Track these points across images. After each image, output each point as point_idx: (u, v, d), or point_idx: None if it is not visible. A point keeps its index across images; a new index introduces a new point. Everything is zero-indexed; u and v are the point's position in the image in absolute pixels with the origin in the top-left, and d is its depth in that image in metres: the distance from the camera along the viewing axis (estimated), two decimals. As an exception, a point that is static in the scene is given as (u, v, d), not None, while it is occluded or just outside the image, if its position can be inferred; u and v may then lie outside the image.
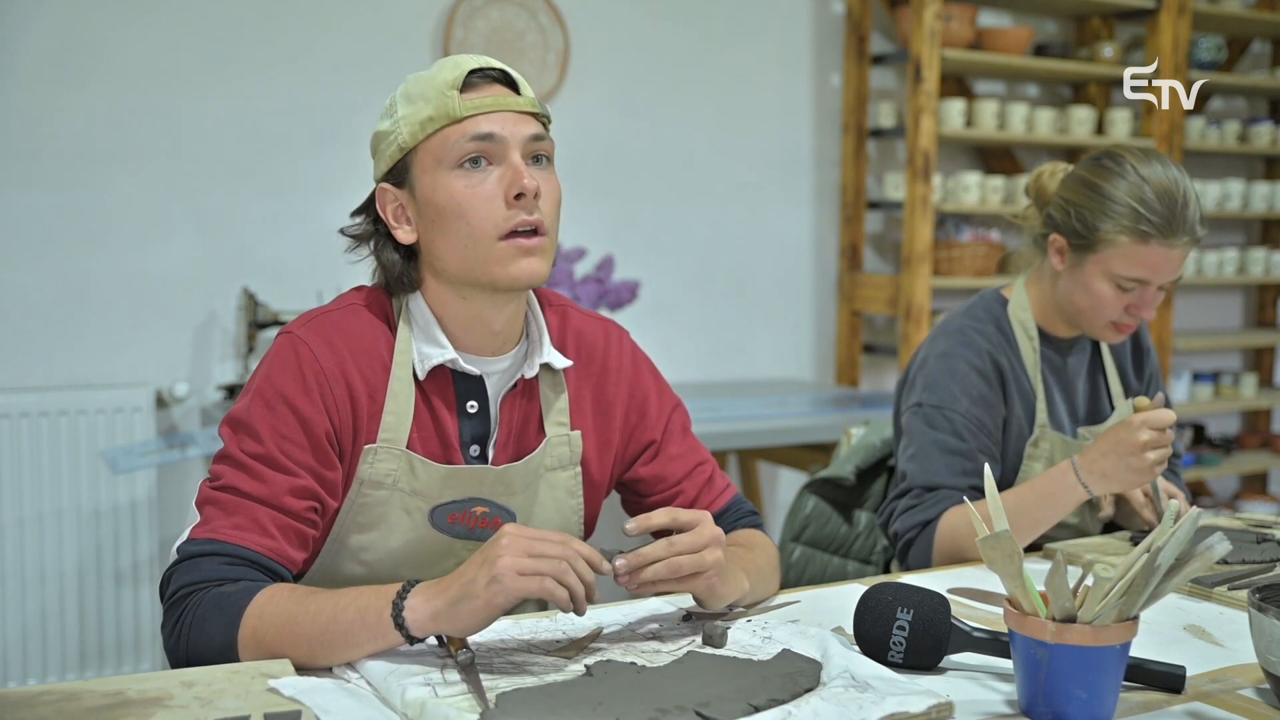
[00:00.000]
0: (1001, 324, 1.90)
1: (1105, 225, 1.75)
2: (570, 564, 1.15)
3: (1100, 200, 1.76)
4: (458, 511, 1.39)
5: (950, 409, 1.82)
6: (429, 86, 1.33)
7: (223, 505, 1.27)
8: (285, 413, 1.30)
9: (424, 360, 1.37)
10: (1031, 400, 1.88)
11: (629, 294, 3.38)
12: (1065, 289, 1.84)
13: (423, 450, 1.37)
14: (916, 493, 1.81)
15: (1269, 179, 4.79)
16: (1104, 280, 1.78)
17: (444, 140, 1.31)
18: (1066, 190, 1.82)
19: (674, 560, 1.22)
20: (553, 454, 1.44)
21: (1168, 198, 1.72)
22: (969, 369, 1.84)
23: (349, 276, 3.19)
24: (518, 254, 1.32)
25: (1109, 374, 1.99)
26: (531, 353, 1.43)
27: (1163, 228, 1.72)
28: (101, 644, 2.96)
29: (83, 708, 1.04)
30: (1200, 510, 1.11)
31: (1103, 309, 1.80)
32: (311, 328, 1.36)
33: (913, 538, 1.79)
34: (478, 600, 1.12)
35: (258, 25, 3.14)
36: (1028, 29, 3.91)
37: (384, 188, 1.38)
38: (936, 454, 1.81)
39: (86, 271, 3.00)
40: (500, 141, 1.31)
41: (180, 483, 3.12)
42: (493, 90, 1.34)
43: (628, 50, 3.63)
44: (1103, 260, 1.77)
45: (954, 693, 1.15)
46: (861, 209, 3.96)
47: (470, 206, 1.31)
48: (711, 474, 1.55)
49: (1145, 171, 1.74)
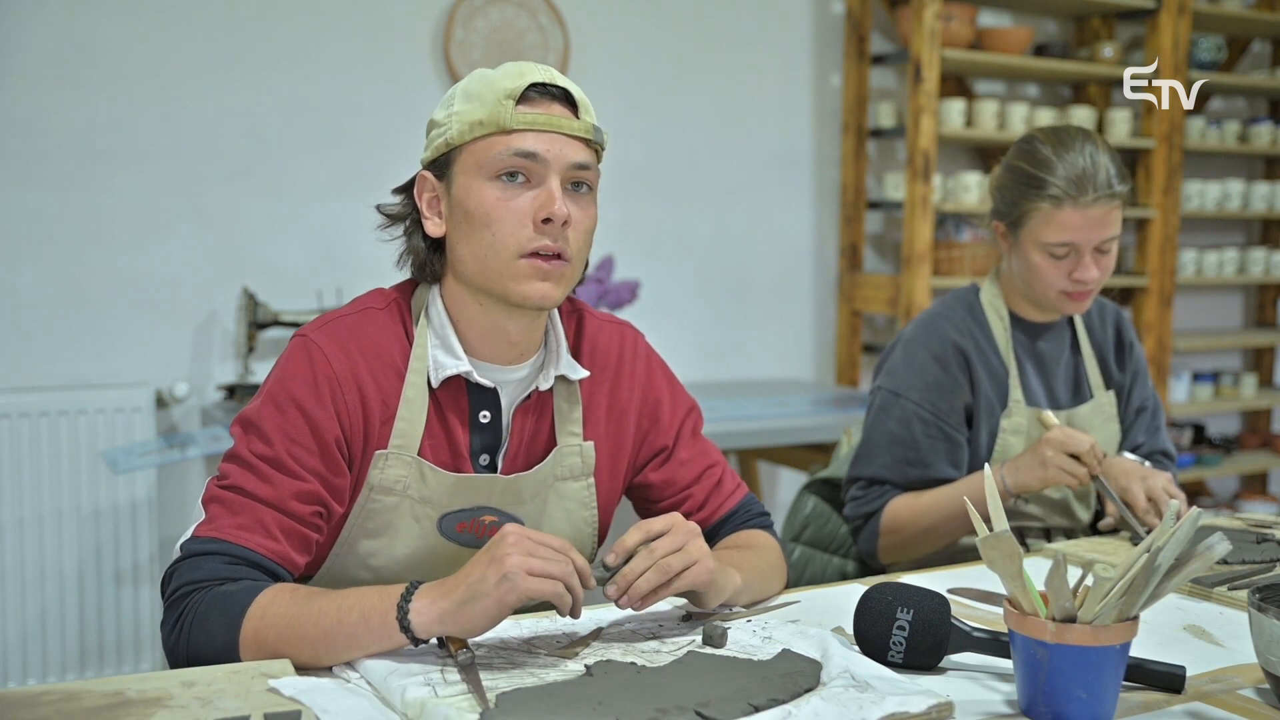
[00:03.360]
0: (974, 309, 2.01)
1: (1024, 201, 1.88)
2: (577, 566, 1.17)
3: (1017, 175, 1.90)
4: (466, 520, 1.38)
5: (904, 396, 1.95)
6: (488, 89, 1.31)
7: (228, 504, 1.27)
8: (295, 416, 1.30)
9: (439, 369, 1.36)
10: (1004, 378, 1.97)
11: (629, 294, 3.38)
12: (1016, 269, 1.96)
13: (433, 458, 1.37)
14: (863, 484, 1.98)
15: (1269, 179, 4.79)
16: (1037, 251, 1.89)
17: (489, 147, 1.30)
18: (996, 179, 1.97)
19: (661, 563, 1.23)
20: (564, 464, 1.44)
21: (1072, 164, 1.84)
22: (928, 356, 1.95)
23: (349, 277, 3.21)
24: (534, 274, 1.31)
25: (1088, 362, 2.05)
26: (548, 364, 1.42)
27: (1070, 190, 1.83)
28: (101, 644, 2.96)
29: (83, 708, 1.04)
30: (1200, 510, 1.11)
31: (1045, 279, 1.90)
32: (326, 331, 1.35)
33: (859, 526, 1.99)
34: (488, 599, 1.13)
35: (258, 25, 3.14)
36: (1028, 29, 3.91)
37: (424, 175, 1.37)
38: (884, 444, 1.95)
39: (87, 271, 3.00)
40: (542, 162, 1.30)
41: (180, 483, 3.12)
42: (550, 108, 1.32)
43: (628, 50, 3.63)
44: (1031, 232, 1.88)
45: (954, 693, 1.15)
46: (861, 209, 3.96)
47: (498, 219, 1.30)
48: (721, 477, 1.54)
49: (1052, 144, 1.87)
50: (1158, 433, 2.12)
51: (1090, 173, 1.84)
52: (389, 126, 3.28)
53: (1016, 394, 1.95)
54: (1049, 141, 1.88)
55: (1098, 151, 1.85)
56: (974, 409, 1.96)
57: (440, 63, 3.35)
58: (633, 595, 1.23)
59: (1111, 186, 1.84)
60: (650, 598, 1.23)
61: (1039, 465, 1.80)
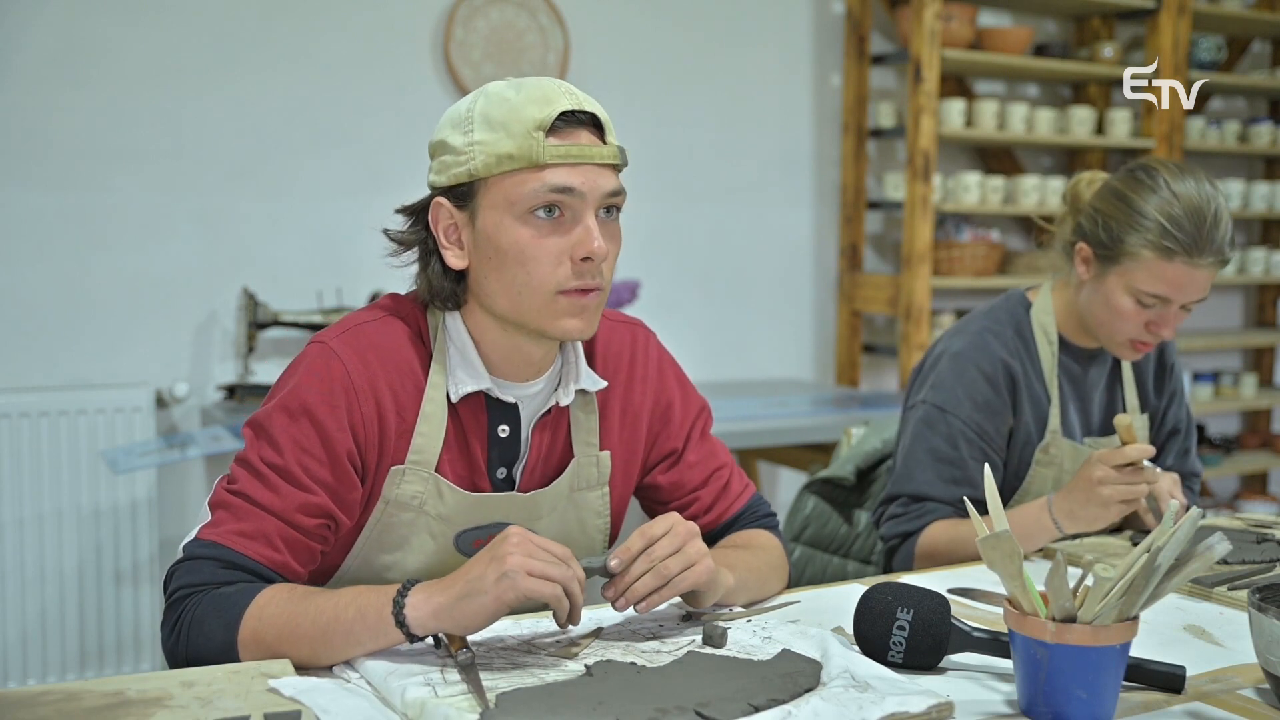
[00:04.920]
0: (1022, 328, 1.89)
1: (1131, 239, 1.73)
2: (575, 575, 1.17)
3: (1128, 213, 1.74)
4: (484, 536, 1.37)
5: (952, 413, 1.83)
6: (514, 119, 1.24)
7: (234, 510, 1.26)
8: (307, 426, 1.27)
9: (459, 385, 1.34)
10: (1044, 407, 1.87)
11: (629, 294, 3.38)
12: (1087, 299, 1.83)
13: (450, 474, 1.35)
14: (904, 501, 1.84)
15: (1269, 179, 4.78)
16: (1125, 294, 1.76)
17: (521, 183, 1.24)
18: (1098, 200, 1.81)
19: (660, 566, 1.23)
20: (581, 475, 1.43)
21: (1197, 216, 1.70)
22: (978, 374, 1.84)
23: (349, 277, 3.21)
24: (571, 310, 1.28)
25: (1127, 388, 1.98)
26: (566, 378, 1.40)
27: (1188, 246, 1.70)
28: (101, 644, 2.95)
29: (83, 708, 1.04)
30: (1200, 510, 1.11)
31: (1122, 324, 1.78)
32: (345, 339, 1.32)
33: (896, 545, 1.85)
34: (486, 596, 1.12)
35: (258, 25, 3.14)
36: (1028, 29, 3.91)
37: (441, 203, 1.30)
38: (928, 461, 1.83)
39: (87, 271, 3.00)
40: (579, 196, 1.25)
41: (180, 483, 3.12)
42: (579, 136, 1.26)
43: (628, 51, 3.63)
44: (1125, 274, 1.75)
45: (954, 693, 1.15)
46: (861, 209, 3.96)
47: (534, 258, 1.26)
48: (729, 479, 1.53)
49: (1177, 187, 1.72)
50: (1187, 455, 2.06)
51: (1211, 233, 1.70)
52: (389, 126, 3.28)
53: (1055, 423, 1.86)
54: (1175, 184, 1.72)
55: (1223, 209, 1.72)
56: (1013, 433, 1.88)
57: (440, 63, 3.35)
58: (630, 598, 1.23)
59: (1225, 252, 1.72)
60: (650, 600, 1.23)
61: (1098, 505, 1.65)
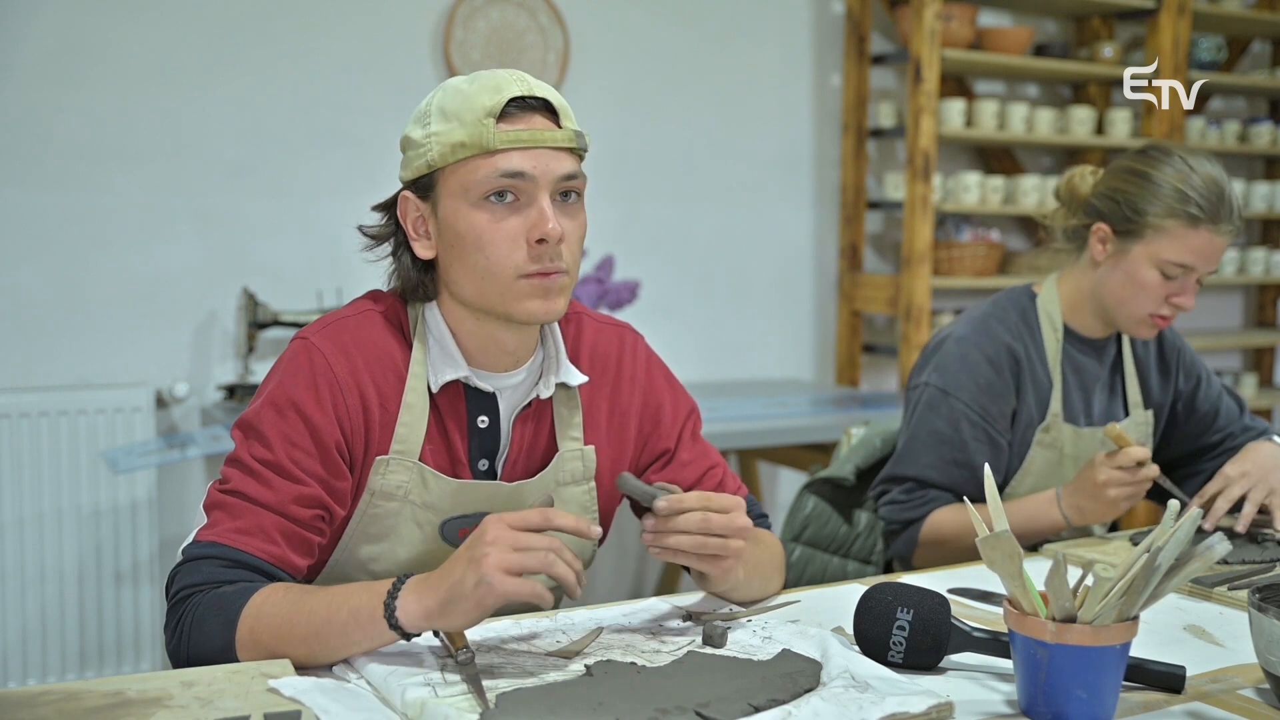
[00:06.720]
0: (1027, 313, 1.93)
1: (1155, 209, 1.79)
2: (557, 554, 1.13)
3: (1150, 186, 1.80)
4: (469, 525, 1.38)
5: (954, 395, 1.87)
6: (466, 108, 1.28)
7: (229, 509, 1.27)
8: (296, 420, 1.30)
9: (438, 374, 1.36)
10: (1046, 390, 1.91)
11: (629, 294, 3.38)
12: (1105, 278, 1.87)
13: (433, 463, 1.37)
14: (909, 486, 1.89)
15: (1269, 179, 4.78)
16: (1150, 267, 1.81)
17: (473, 170, 1.28)
18: (1113, 180, 1.86)
19: (703, 539, 1.24)
20: (565, 469, 1.44)
21: (1214, 185, 1.77)
22: (981, 356, 1.88)
23: (349, 277, 3.21)
24: (534, 292, 1.30)
25: (1128, 381, 2.00)
26: (547, 371, 1.42)
27: (1211, 213, 1.77)
28: (101, 644, 2.96)
29: (83, 708, 1.04)
30: (1200, 510, 1.11)
31: (1145, 297, 1.83)
32: (327, 334, 1.35)
33: (896, 531, 1.90)
34: (467, 601, 1.12)
35: (258, 25, 3.14)
36: (1028, 29, 3.91)
37: (407, 196, 1.35)
38: (931, 443, 1.87)
39: (86, 271, 3.00)
40: (530, 179, 1.28)
41: (180, 483, 3.12)
42: (532, 121, 1.29)
43: (628, 50, 3.63)
44: (1150, 245, 1.80)
45: (954, 693, 1.15)
46: (861, 209, 3.96)
47: (491, 242, 1.29)
48: (722, 478, 1.54)
49: (1193, 161, 1.80)
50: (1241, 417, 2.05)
51: (1231, 201, 1.78)
52: (389, 126, 3.24)
53: (1056, 407, 1.90)
54: (1190, 159, 1.80)
55: (1229, 181, 1.80)
56: (1015, 415, 1.90)
57: (440, 63, 3.35)
58: (657, 542, 1.24)
59: (1240, 222, 1.80)
60: (669, 554, 1.25)
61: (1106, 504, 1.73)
